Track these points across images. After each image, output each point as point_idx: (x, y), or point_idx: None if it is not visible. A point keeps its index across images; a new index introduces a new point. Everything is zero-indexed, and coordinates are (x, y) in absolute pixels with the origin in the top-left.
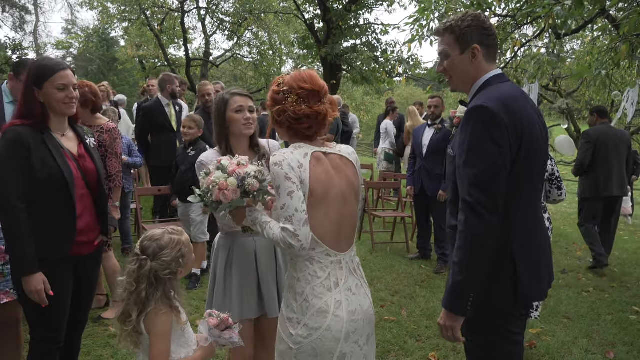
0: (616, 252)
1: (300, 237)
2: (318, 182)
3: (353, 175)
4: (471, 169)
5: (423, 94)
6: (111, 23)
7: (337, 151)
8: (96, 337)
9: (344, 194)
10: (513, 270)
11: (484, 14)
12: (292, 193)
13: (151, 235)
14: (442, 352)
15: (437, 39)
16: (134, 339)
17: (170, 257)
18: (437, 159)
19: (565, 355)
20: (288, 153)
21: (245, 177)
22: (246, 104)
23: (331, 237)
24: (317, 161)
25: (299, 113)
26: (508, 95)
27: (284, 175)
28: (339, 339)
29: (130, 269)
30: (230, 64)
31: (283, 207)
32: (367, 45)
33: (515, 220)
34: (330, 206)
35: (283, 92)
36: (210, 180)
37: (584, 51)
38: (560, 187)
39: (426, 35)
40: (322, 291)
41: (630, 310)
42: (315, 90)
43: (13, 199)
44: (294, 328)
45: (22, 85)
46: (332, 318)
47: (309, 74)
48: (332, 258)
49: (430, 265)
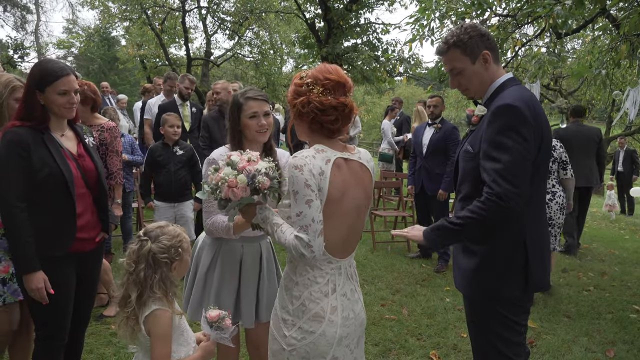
0: (616, 251)
1: (314, 247)
2: (336, 190)
3: (369, 185)
4: (498, 162)
5: (424, 94)
6: (112, 22)
7: (358, 158)
8: (98, 335)
9: (359, 207)
10: (525, 260)
11: (482, 16)
12: (310, 202)
13: (156, 224)
14: (443, 350)
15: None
16: (131, 325)
17: (169, 243)
18: (436, 158)
19: (566, 354)
20: (310, 157)
21: (255, 175)
22: (261, 110)
23: (338, 246)
24: (338, 169)
25: (326, 104)
26: (528, 97)
27: (304, 182)
28: (332, 343)
29: (130, 249)
30: (231, 63)
31: (299, 214)
32: (368, 44)
33: (528, 211)
34: (343, 218)
35: (307, 84)
36: (219, 176)
37: (584, 50)
38: (565, 168)
39: (427, 34)
40: (320, 296)
41: (631, 309)
42: (341, 82)
43: (13, 199)
44: (288, 330)
45: (25, 86)
46: (327, 323)
47: (334, 67)
48: (333, 265)
49: (430, 264)
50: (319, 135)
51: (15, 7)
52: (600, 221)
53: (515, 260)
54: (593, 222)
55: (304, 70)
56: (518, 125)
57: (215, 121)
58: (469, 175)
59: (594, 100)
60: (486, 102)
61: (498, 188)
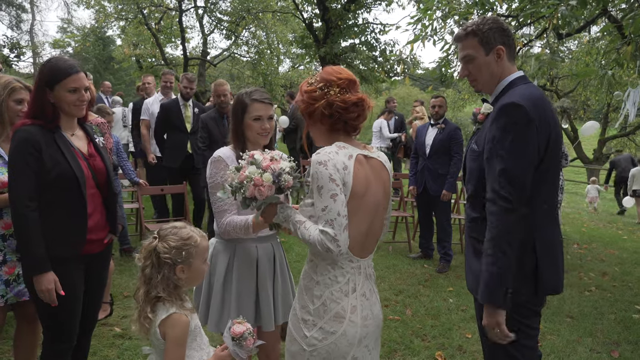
0: (616, 251)
1: (340, 242)
2: (360, 187)
3: (388, 184)
4: (502, 163)
5: (420, 94)
6: (108, 22)
7: (377, 156)
8: (101, 338)
9: (378, 203)
10: (535, 262)
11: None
12: (335, 196)
13: (175, 224)
14: (449, 351)
15: (458, 44)
16: (142, 321)
17: (174, 244)
18: (440, 158)
19: (571, 354)
20: (333, 153)
21: (281, 173)
22: (266, 114)
23: (358, 244)
24: (360, 165)
25: (348, 101)
26: (536, 96)
27: (329, 176)
28: (353, 344)
29: (142, 245)
30: (228, 63)
31: (325, 209)
32: (366, 44)
33: (537, 214)
34: (364, 214)
35: (320, 88)
36: (243, 175)
37: (581, 51)
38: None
39: (429, 35)
40: (340, 296)
41: (633, 309)
42: (352, 80)
43: (24, 199)
44: (308, 330)
45: (34, 84)
46: (348, 323)
47: (338, 67)
48: (353, 264)
49: (432, 265)
50: (340, 135)
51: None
52: (598, 222)
53: (525, 264)
54: (591, 222)
55: (309, 77)
56: (521, 125)
57: (215, 121)
58: (475, 174)
59: (589, 101)
60: (494, 99)
61: (501, 189)
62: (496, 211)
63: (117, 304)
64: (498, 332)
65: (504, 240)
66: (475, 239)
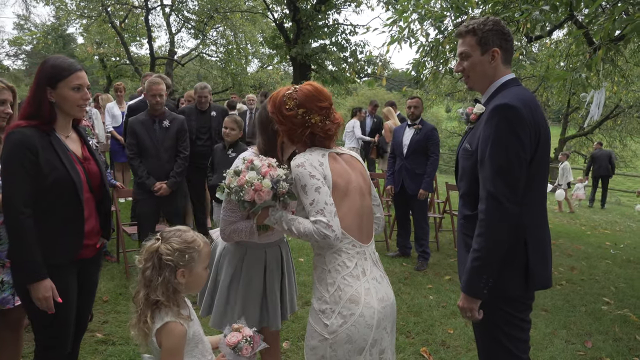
0: (582, 246)
1: (334, 227)
2: (339, 177)
3: (364, 170)
4: (496, 161)
5: (387, 94)
6: (69, 19)
7: (347, 151)
8: (84, 344)
9: (361, 187)
10: (525, 258)
11: (459, 19)
12: (319, 189)
13: (179, 227)
14: (433, 347)
15: (458, 40)
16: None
17: (178, 246)
18: (417, 158)
19: (548, 346)
20: (307, 155)
21: (279, 180)
22: None
23: (355, 228)
24: (334, 159)
25: (329, 131)
26: (528, 98)
27: (309, 174)
28: (372, 325)
29: (144, 246)
30: (196, 63)
31: (312, 202)
32: (337, 45)
33: (529, 211)
34: (352, 199)
35: (301, 114)
36: (243, 179)
37: (543, 54)
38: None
39: (406, 37)
40: (352, 280)
41: (601, 302)
42: (330, 104)
43: (18, 205)
44: (328, 318)
45: (32, 84)
46: (364, 305)
47: (318, 89)
48: (357, 249)
49: (411, 263)
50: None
51: None
52: (562, 217)
53: (516, 260)
54: (555, 218)
55: (286, 90)
56: (515, 125)
57: (144, 126)
58: (468, 173)
59: (549, 102)
60: (486, 100)
61: (492, 188)
62: (488, 209)
63: (97, 309)
64: (469, 315)
65: (491, 238)
66: (468, 236)
